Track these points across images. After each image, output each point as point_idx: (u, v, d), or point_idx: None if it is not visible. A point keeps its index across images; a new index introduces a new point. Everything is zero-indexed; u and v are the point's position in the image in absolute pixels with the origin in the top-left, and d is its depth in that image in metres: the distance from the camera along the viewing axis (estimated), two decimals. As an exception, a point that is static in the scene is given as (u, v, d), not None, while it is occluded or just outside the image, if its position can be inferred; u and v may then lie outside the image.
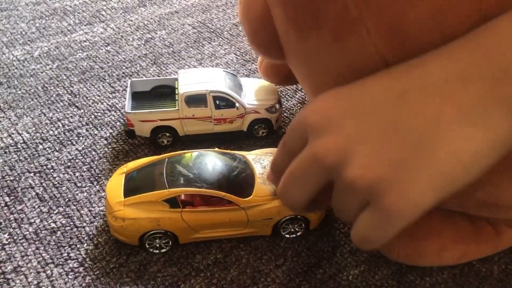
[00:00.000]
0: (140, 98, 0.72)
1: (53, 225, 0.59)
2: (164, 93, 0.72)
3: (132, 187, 0.55)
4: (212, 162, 0.57)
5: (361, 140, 0.34)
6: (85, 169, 0.66)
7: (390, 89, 0.35)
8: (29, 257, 0.55)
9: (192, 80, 0.68)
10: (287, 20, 0.42)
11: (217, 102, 0.67)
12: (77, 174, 0.66)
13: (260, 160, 0.59)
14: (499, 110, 0.32)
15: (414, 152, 0.33)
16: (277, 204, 0.54)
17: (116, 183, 0.56)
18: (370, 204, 0.35)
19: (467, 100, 0.32)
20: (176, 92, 0.68)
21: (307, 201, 0.39)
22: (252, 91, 0.70)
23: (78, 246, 0.56)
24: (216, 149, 0.60)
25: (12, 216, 0.60)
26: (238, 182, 0.55)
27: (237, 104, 0.67)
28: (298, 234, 0.57)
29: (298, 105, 0.78)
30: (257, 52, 0.56)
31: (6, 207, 0.61)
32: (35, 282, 0.53)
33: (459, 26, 0.33)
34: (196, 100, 0.66)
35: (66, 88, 0.81)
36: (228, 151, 0.60)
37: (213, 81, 0.68)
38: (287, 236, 0.57)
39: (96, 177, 0.65)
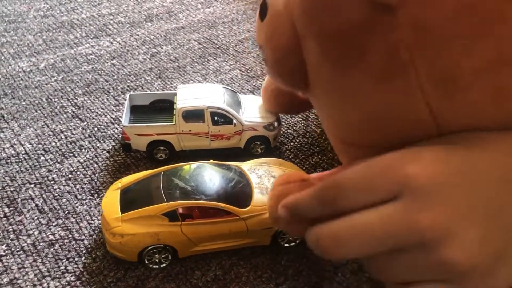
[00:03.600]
0: (139, 112, 0.72)
1: (51, 237, 0.58)
2: (163, 107, 0.72)
3: (128, 202, 0.54)
4: (208, 174, 0.56)
5: (469, 221, 0.32)
6: (86, 182, 0.66)
7: (497, 170, 0.33)
8: (26, 270, 0.54)
9: (190, 95, 0.68)
10: (322, 55, 0.40)
11: (215, 118, 0.66)
12: (78, 186, 0.65)
13: (255, 170, 0.58)
14: None
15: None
16: None
17: (111, 199, 0.55)
18: (452, 282, 0.33)
19: None
20: (174, 107, 0.68)
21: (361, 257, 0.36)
22: (251, 108, 0.70)
23: (76, 259, 0.56)
24: (211, 160, 0.59)
25: (10, 227, 0.59)
26: (236, 192, 0.55)
27: (234, 121, 0.67)
28: (297, 242, 0.57)
29: (302, 121, 0.78)
30: (274, 80, 0.51)
31: (5, 218, 0.60)
32: (31, 295, 0.52)
33: (509, 86, 0.32)
34: (193, 115, 0.66)
35: (70, 100, 0.81)
36: (223, 162, 0.59)
37: (211, 97, 0.67)
38: (286, 245, 0.57)
39: (97, 190, 0.64)
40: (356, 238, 0.34)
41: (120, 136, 0.68)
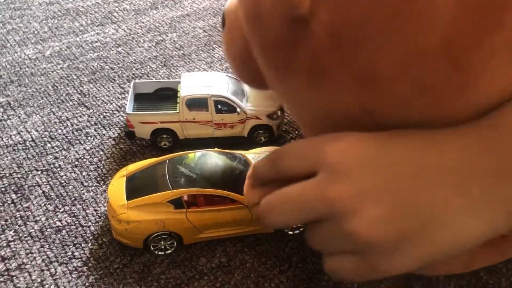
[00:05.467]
0: (143, 100, 0.72)
1: (58, 223, 0.59)
2: (167, 95, 0.72)
3: (134, 189, 0.55)
4: (213, 161, 0.57)
5: (375, 199, 0.36)
6: (92, 169, 0.66)
7: (411, 162, 0.36)
8: (34, 255, 0.55)
9: (194, 83, 0.68)
10: (265, 61, 0.43)
11: (218, 106, 0.67)
12: (84, 173, 0.66)
13: (259, 158, 0.59)
14: (500, 209, 0.35)
15: (417, 227, 0.36)
16: None
17: (117, 186, 0.56)
18: (358, 254, 0.38)
19: (475, 193, 0.35)
20: (178, 95, 0.68)
21: (290, 226, 0.41)
22: (255, 97, 0.70)
23: (82, 245, 0.56)
24: (216, 149, 0.60)
25: (18, 213, 0.60)
26: (241, 180, 0.55)
27: (238, 109, 0.67)
28: (301, 229, 0.57)
29: (307, 110, 0.78)
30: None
31: (12, 204, 0.61)
32: (39, 280, 0.53)
33: (428, 76, 0.34)
34: (197, 103, 0.66)
35: (76, 88, 0.82)
36: (228, 150, 0.60)
37: (215, 85, 0.67)
38: (290, 233, 0.57)
39: (103, 177, 0.65)
40: (282, 206, 0.40)
41: (124, 124, 0.69)
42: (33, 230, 0.58)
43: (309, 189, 0.38)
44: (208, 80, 0.69)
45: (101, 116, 0.76)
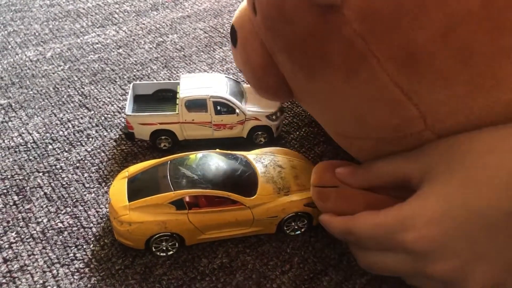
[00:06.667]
0: (143, 101, 0.72)
1: (60, 225, 0.59)
2: (166, 97, 0.72)
3: (136, 190, 0.55)
4: (214, 163, 0.57)
5: (478, 259, 0.37)
6: (93, 170, 0.66)
7: (497, 210, 0.36)
8: (36, 257, 0.55)
9: (193, 84, 0.68)
10: (293, 65, 0.42)
11: (218, 107, 0.67)
12: (86, 175, 0.66)
13: (261, 159, 0.59)
14: None
15: None
16: (282, 202, 0.55)
17: (118, 187, 0.56)
18: None
19: None
20: (178, 96, 0.68)
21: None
22: (254, 98, 0.70)
23: (84, 246, 0.57)
24: (217, 150, 0.60)
25: (20, 215, 0.60)
26: (242, 181, 0.56)
27: (237, 110, 0.67)
28: (303, 230, 0.57)
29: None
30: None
31: (14, 206, 0.61)
32: (41, 281, 0.53)
33: (471, 42, 0.33)
34: (196, 105, 0.66)
35: (77, 89, 0.82)
36: (229, 151, 0.60)
37: (214, 87, 0.68)
38: (292, 234, 0.58)
39: (104, 178, 0.65)
40: (384, 271, 0.45)
41: (125, 125, 0.69)
42: (35, 232, 0.58)
43: (408, 266, 0.40)
44: (207, 81, 0.69)
45: (102, 118, 0.76)
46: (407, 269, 0.40)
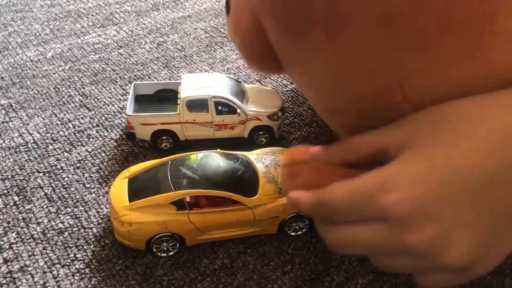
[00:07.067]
0: (144, 101, 0.72)
1: (60, 225, 0.59)
2: (167, 97, 0.72)
3: (136, 191, 0.55)
4: (215, 163, 0.57)
5: (459, 227, 0.35)
6: (94, 170, 0.66)
7: (481, 171, 0.34)
8: (36, 257, 0.55)
9: (194, 84, 0.68)
10: (279, 29, 0.42)
11: (219, 107, 0.66)
12: (86, 175, 0.66)
13: (262, 159, 0.59)
14: None
15: (503, 230, 0.35)
16: (283, 202, 0.55)
17: (119, 188, 0.56)
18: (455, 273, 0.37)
19: None
20: (179, 96, 0.68)
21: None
22: (255, 98, 0.70)
23: (85, 247, 0.56)
24: (218, 150, 0.59)
25: (20, 215, 0.60)
26: (243, 181, 0.55)
27: (238, 110, 0.67)
28: (304, 230, 0.57)
29: (309, 111, 0.77)
30: (251, 67, 0.55)
31: (14, 206, 0.61)
32: (41, 282, 0.53)
33: (451, 5, 0.32)
34: (197, 105, 0.66)
35: (78, 90, 0.82)
36: (230, 152, 0.60)
37: (215, 87, 0.67)
38: (293, 234, 0.57)
39: (105, 179, 0.65)
40: (355, 248, 0.40)
41: (125, 125, 0.69)
42: (35, 232, 0.58)
43: (384, 238, 0.37)
44: (208, 81, 0.69)
45: (103, 118, 0.76)
46: (381, 242, 0.37)
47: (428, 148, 0.36)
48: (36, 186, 0.64)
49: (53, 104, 0.78)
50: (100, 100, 0.79)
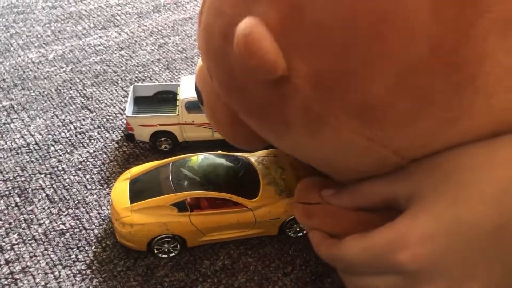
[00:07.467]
0: (143, 103, 0.72)
1: (62, 226, 0.59)
2: (166, 98, 0.73)
3: (137, 192, 0.55)
4: (217, 164, 0.57)
5: (469, 278, 0.36)
6: (95, 172, 0.66)
7: (488, 224, 0.35)
8: (38, 258, 0.55)
9: (193, 86, 0.68)
10: (259, 127, 0.42)
11: None
12: (88, 176, 0.66)
13: (262, 161, 0.59)
14: None
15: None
16: (284, 203, 0.55)
17: (120, 189, 0.56)
18: None
19: None
20: (178, 98, 0.68)
21: None
22: None
23: (86, 248, 0.56)
24: (219, 151, 0.60)
25: (22, 216, 0.60)
26: (244, 183, 0.56)
27: None
28: (305, 232, 0.57)
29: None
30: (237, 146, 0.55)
31: (16, 208, 0.61)
32: (43, 283, 0.53)
33: (427, 84, 0.32)
34: (196, 106, 0.66)
35: (79, 91, 0.82)
36: (231, 153, 0.60)
37: None
38: (294, 235, 0.58)
39: (106, 180, 0.65)
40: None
41: (125, 127, 0.69)
42: (37, 233, 0.58)
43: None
44: None
45: (104, 119, 0.76)
46: None
47: (433, 204, 0.37)
48: (37, 187, 0.64)
49: (55, 106, 0.78)
50: (101, 101, 0.80)
